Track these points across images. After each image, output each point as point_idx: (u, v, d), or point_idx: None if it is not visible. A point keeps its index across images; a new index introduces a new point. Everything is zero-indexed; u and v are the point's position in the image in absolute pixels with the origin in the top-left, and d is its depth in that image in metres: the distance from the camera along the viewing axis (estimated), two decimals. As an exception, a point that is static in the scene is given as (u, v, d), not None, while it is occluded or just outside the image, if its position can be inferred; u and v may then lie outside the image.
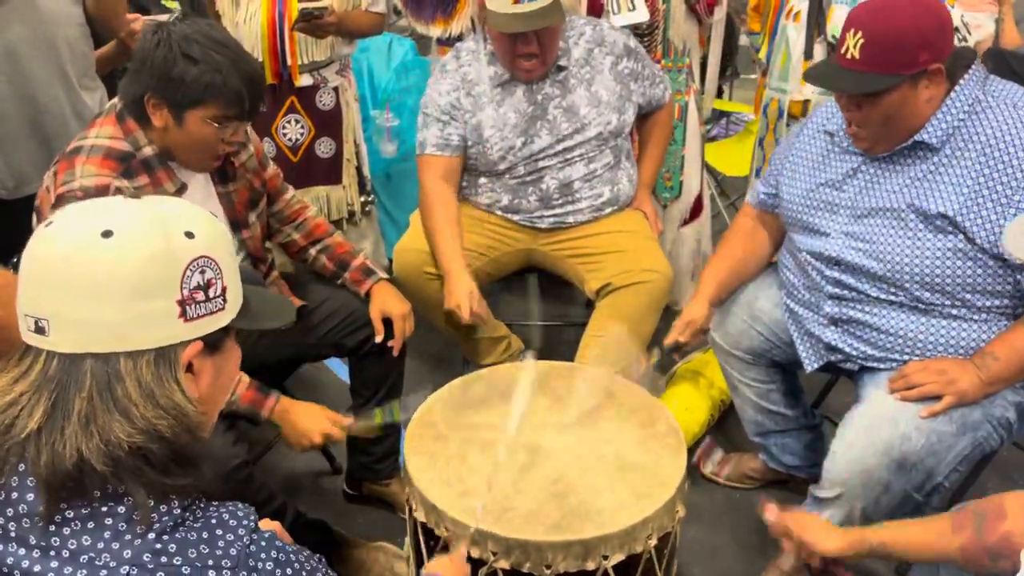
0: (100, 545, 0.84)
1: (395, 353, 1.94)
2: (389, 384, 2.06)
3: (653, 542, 1.43)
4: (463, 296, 2.12)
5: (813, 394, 2.36)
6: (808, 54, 2.55)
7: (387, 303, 1.95)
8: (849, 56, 1.59)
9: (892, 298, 1.70)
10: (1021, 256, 1.14)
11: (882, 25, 1.56)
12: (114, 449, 0.84)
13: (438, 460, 1.54)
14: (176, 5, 2.35)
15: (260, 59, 2.45)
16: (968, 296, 1.63)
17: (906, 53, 1.55)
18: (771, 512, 1.51)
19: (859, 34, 1.57)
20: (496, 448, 1.50)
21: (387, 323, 1.94)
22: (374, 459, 2.15)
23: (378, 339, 1.92)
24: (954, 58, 1.60)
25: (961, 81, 1.62)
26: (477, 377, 1.78)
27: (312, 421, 1.75)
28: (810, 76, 1.72)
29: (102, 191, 1.56)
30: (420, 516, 1.48)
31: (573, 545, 1.37)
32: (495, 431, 1.61)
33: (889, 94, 1.58)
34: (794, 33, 2.60)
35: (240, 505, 0.92)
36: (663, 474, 1.49)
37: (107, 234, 0.86)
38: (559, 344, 2.81)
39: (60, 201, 1.57)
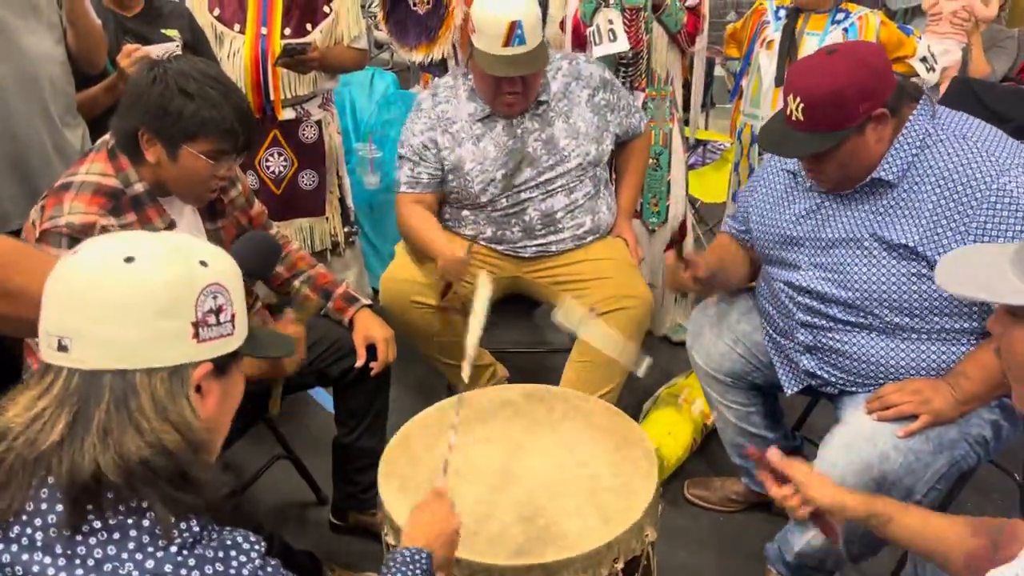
0: (124, 555, 0.88)
1: (373, 373, 1.95)
2: (373, 412, 2.07)
3: (620, 566, 1.43)
4: (455, 250, 2.14)
5: (794, 416, 2.39)
6: (779, 81, 2.62)
7: (370, 328, 1.96)
8: (794, 119, 1.64)
9: (863, 322, 1.73)
10: (954, 291, 1.17)
11: (817, 88, 1.60)
12: (126, 462, 0.89)
13: (409, 484, 1.55)
14: (176, 33, 2.37)
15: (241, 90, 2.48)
16: (936, 319, 1.66)
17: (847, 109, 1.60)
18: (773, 453, 1.44)
19: (798, 99, 1.62)
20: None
21: (371, 350, 1.96)
22: (360, 489, 2.15)
23: (359, 363, 1.93)
24: (897, 95, 1.64)
25: (911, 116, 1.67)
26: (460, 400, 1.80)
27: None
28: (763, 142, 1.76)
29: (88, 228, 1.57)
30: (390, 539, 1.49)
31: (534, 569, 1.37)
32: (470, 456, 1.62)
33: (839, 148, 1.63)
34: (766, 61, 2.67)
35: (250, 532, 0.97)
36: (633, 497, 1.49)
37: (129, 259, 0.93)
38: (542, 370, 2.83)
39: (45, 236, 1.57)
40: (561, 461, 1.61)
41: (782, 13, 2.63)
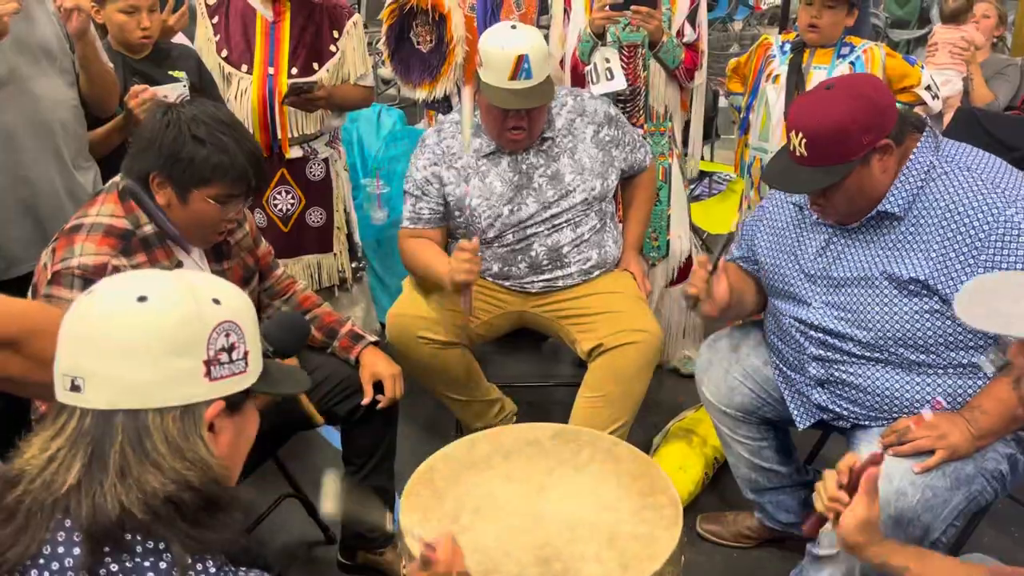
0: None
1: (379, 407, 1.94)
2: (382, 451, 2.05)
3: None
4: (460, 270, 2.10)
5: (806, 450, 2.37)
6: (787, 115, 2.62)
7: (377, 366, 1.96)
8: (798, 154, 1.64)
9: (878, 356, 1.72)
10: (975, 324, 1.16)
11: (818, 124, 1.61)
12: (151, 499, 0.89)
13: (431, 518, 1.54)
14: (183, 74, 2.40)
15: (251, 133, 2.50)
16: (951, 353, 1.65)
17: (849, 143, 1.60)
18: (875, 472, 1.34)
19: (801, 134, 1.62)
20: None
21: (378, 388, 1.95)
22: (368, 528, 2.13)
23: (366, 400, 1.93)
24: (899, 125, 1.65)
25: (915, 149, 1.67)
26: (483, 437, 1.79)
27: None
28: (769, 178, 1.76)
29: (100, 269, 1.58)
30: (408, 573, 1.47)
31: None
32: (492, 494, 1.61)
33: (845, 181, 1.63)
34: (773, 94, 2.68)
35: (264, 572, 0.96)
36: (655, 546, 1.47)
37: (142, 299, 0.94)
38: (552, 404, 2.82)
39: (56, 278, 1.58)
40: (583, 504, 1.59)
41: (787, 47, 2.65)
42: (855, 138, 1.60)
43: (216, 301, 0.98)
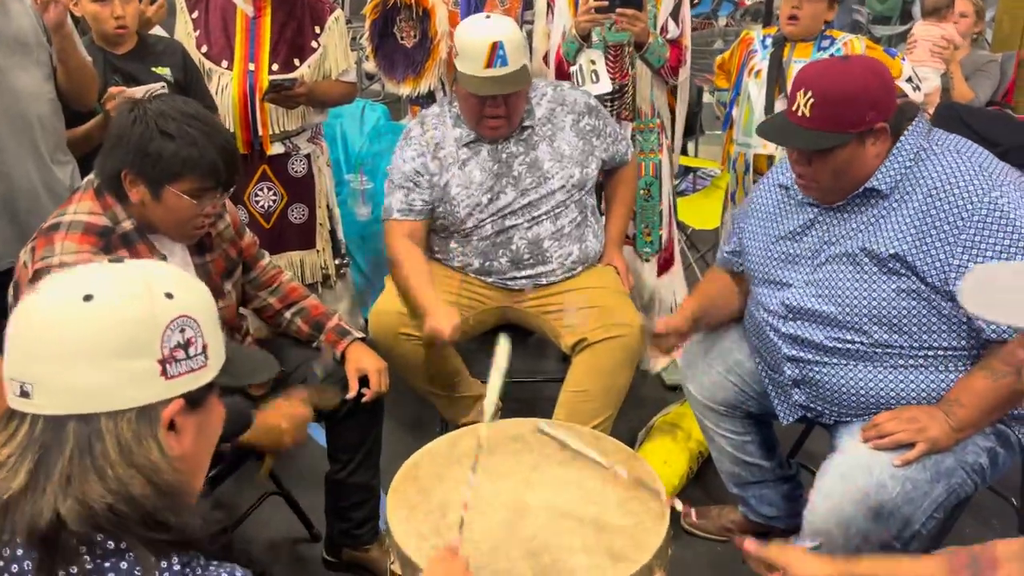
0: None
1: (364, 400, 1.93)
2: (367, 448, 2.05)
3: None
4: (444, 318, 2.11)
5: (789, 443, 2.38)
6: (769, 109, 2.64)
7: (362, 360, 1.95)
8: (800, 114, 1.65)
9: (850, 346, 1.72)
10: (984, 315, 1.16)
11: (831, 86, 1.62)
12: (90, 509, 0.85)
13: (417, 513, 1.54)
14: (167, 71, 2.38)
15: (232, 130, 2.48)
16: (925, 337, 1.66)
17: (854, 113, 1.62)
18: (751, 544, 1.44)
19: (809, 93, 1.63)
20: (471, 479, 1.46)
21: (363, 383, 1.94)
22: (353, 525, 2.12)
23: (351, 395, 1.92)
24: (898, 114, 1.67)
25: (906, 132, 1.69)
26: (467, 432, 1.79)
27: (275, 415, 1.74)
28: (763, 130, 1.78)
29: None
30: (396, 569, 1.47)
31: None
32: (478, 489, 1.60)
33: (838, 151, 1.64)
34: (755, 90, 2.69)
35: (238, 567, 0.93)
36: (643, 538, 1.48)
37: (88, 298, 0.88)
38: (537, 399, 2.81)
39: (38, 276, 1.56)
40: (569, 497, 1.59)
41: (768, 42, 2.66)
42: (861, 111, 1.61)
43: (169, 295, 0.92)
